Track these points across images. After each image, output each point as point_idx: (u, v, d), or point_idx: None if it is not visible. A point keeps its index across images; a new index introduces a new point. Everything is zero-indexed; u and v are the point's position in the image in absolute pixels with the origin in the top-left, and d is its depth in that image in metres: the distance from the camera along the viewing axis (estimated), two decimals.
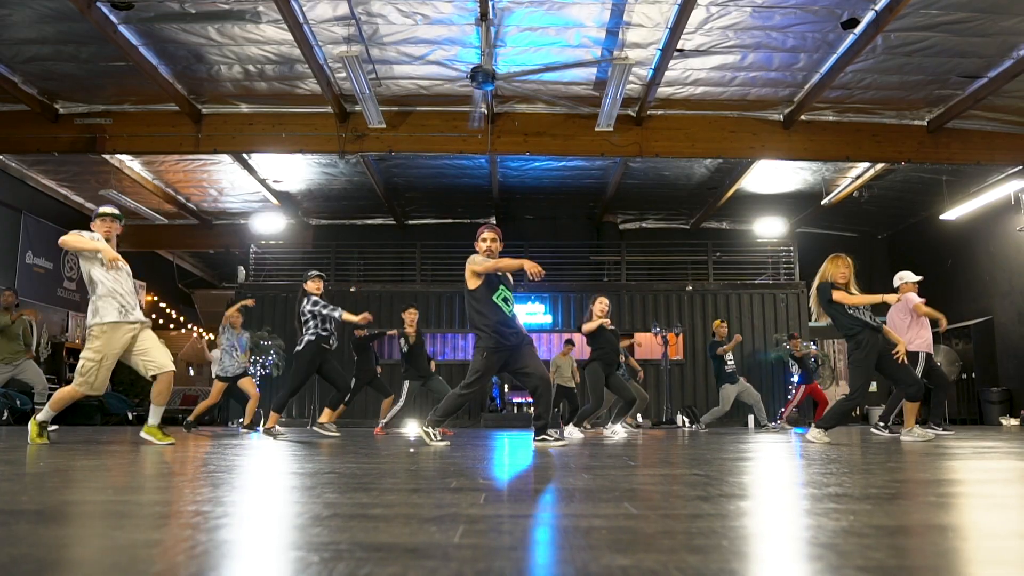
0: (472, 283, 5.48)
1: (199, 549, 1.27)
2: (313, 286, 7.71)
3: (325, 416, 8.04)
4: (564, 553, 1.19)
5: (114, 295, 5.17)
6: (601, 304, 8.00)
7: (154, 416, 5.40)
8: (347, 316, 7.46)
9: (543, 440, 5.38)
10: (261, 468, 3.20)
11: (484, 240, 5.67)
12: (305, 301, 7.60)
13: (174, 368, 5.33)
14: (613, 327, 8.15)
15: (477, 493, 2.10)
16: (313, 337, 7.47)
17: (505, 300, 5.46)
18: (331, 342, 7.63)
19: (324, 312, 7.50)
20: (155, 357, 5.21)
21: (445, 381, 10.16)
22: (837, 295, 6.01)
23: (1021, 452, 4.38)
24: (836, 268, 6.27)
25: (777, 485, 2.48)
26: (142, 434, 5.41)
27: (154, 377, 5.23)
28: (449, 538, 1.33)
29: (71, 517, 1.70)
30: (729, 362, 10.50)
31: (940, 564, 1.17)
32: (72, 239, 5.19)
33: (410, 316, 8.87)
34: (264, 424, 8.11)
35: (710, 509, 1.77)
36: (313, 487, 2.33)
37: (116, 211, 5.53)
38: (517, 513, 1.72)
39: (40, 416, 5.25)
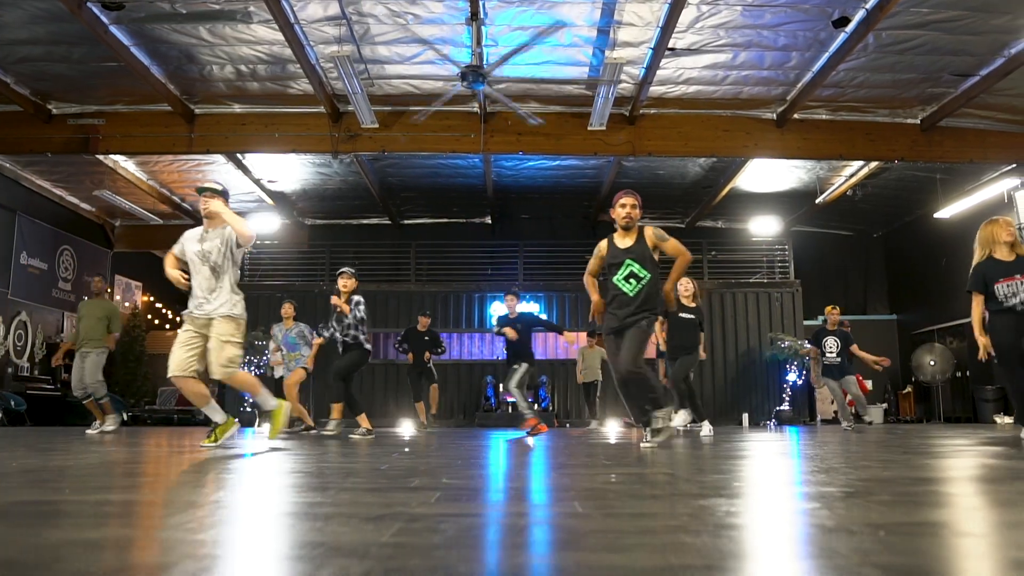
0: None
1: (117, 545, 1.27)
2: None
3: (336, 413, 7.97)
4: (480, 552, 1.20)
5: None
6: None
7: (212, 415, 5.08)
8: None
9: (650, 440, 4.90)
10: (230, 469, 3.20)
11: (623, 206, 5.14)
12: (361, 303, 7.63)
13: (176, 374, 4.89)
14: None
15: (433, 492, 2.10)
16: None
17: (627, 278, 5.14)
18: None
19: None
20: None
21: (439, 380, 10.39)
22: None
23: (1002, 451, 4.38)
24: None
25: (744, 484, 2.48)
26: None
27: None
28: (379, 536, 1.34)
29: (25, 517, 1.71)
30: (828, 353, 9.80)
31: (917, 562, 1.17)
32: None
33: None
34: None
35: (658, 508, 1.77)
36: (278, 487, 2.34)
37: (203, 185, 5.31)
38: (462, 512, 1.72)
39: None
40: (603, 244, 5.34)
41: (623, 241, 5.20)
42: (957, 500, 2.03)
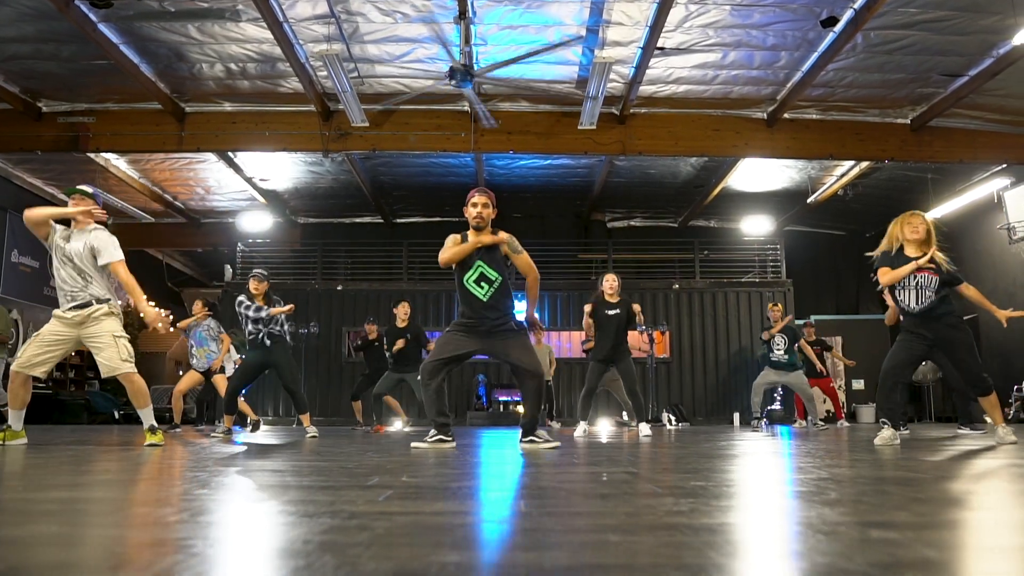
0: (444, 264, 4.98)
1: (58, 542, 1.28)
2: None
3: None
4: (400, 550, 1.20)
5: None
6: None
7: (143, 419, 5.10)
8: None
9: (531, 442, 4.85)
10: (193, 467, 3.21)
11: (475, 205, 4.92)
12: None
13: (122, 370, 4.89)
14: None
15: (383, 491, 2.11)
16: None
17: (478, 282, 4.91)
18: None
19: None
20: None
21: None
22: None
23: (985, 450, 4.40)
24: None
25: (700, 483, 2.49)
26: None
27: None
28: (308, 534, 1.34)
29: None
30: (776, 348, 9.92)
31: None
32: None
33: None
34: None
35: (599, 507, 1.78)
36: (231, 485, 2.34)
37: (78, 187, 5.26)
38: (402, 511, 1.73)
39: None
40: (456, 238, 5.04)
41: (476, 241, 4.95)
42: (946, 497, 2.04)
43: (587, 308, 7.75)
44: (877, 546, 1.23)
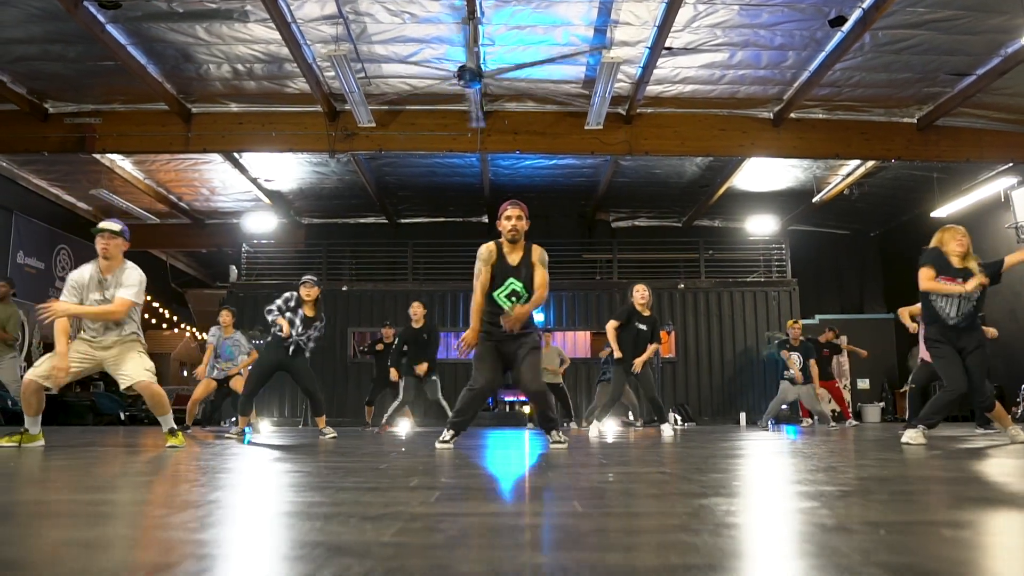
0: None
1: (103, 544, 1.27)
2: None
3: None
4: (484, 552, 1.20)
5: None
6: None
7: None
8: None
9: (557, 443, 4.83)
10: (230, 469, 3.20)
11: (508, 218, 4.84)
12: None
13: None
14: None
15: (432, 492, 2.11)
16: None
17: (509, 296, 4.84)
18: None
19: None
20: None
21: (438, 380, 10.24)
22: None
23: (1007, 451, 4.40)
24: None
25: (743, 483, 2.49)
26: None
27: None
28: (379, 536, 1.34)
29: (24, 517, 1.71)
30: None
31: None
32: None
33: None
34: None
35: (655, 507, 1.78)
36: (275, 487, 2.34)
37: (103, 225, 5.05)
38: (461, 512, 1.73)
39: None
40: (492, 249, 4.94)
41: (512, 256, 4.89)
42: (956, 499, 2.04)
43: (613, 324, 7.79)
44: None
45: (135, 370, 4.87)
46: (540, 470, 2.97)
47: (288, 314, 7.05)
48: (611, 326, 7.83)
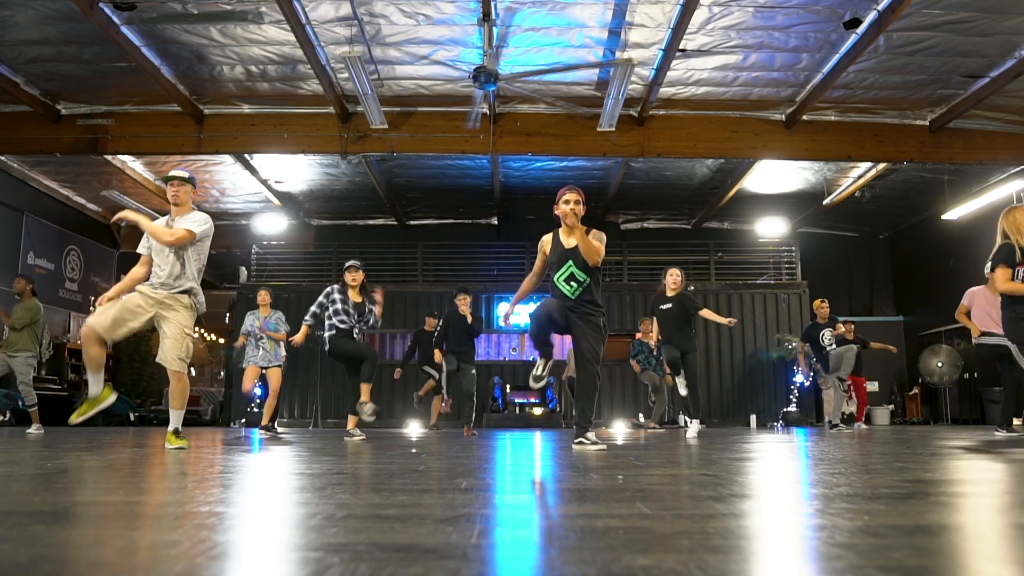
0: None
1: (217, 551, 1.26)
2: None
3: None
4: (583, 554, 1.19)
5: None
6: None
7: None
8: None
9: (580, 443, 4.67)
10: (268, 469, 3.19)
11: (567, 202, 4.91)
12: None
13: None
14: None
15: (487, 493, 2.10)
16: None
17: (568, 280, 4.93)
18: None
19: None
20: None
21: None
22: None
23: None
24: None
25: (785, 485, 2.48)
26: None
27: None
28: (466, 539, 1.33)
29: (84, 518, 1.70)
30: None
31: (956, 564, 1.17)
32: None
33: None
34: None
35: (723, 509, 1.77)
36: (323, 488, 2.33)
37: (173, 173, 5.21)
38: (526, 513, 1.72)
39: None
40: (547, 238, 5.16)
41: (567, 240, 5.00)
42: (970, 502, 2.03)
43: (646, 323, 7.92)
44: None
45: (170, 351, 4.86)
46: (578, 471, 2.96)
47: (337, 304, 7.35)
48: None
